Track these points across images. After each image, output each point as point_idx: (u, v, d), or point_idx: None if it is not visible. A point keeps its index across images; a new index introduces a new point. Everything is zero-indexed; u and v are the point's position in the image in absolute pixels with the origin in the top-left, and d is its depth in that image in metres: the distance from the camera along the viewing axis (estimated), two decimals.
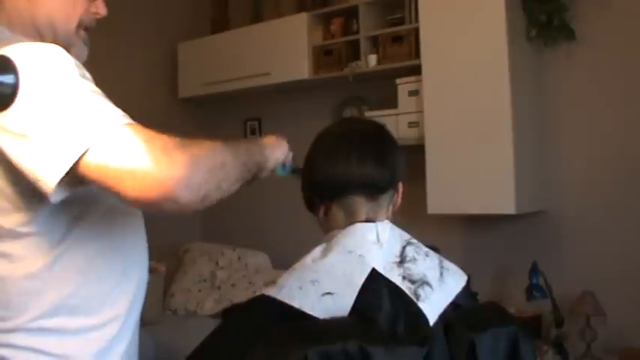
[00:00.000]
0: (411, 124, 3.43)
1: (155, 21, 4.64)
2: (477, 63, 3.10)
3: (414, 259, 1.29)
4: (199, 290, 4.24)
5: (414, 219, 3.74)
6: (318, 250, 1.32)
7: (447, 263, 1.38)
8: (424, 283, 1.25)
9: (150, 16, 4.59)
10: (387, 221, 1.34)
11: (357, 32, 3.73)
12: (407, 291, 1.21)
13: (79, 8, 1.35)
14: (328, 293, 1.18)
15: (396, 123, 3.50)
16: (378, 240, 1.27)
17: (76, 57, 1.16)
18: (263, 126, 4.62)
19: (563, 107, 3.22)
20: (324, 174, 1.35)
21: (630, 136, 3.02)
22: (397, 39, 3.52)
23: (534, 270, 3.04)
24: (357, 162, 1.31)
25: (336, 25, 3.87)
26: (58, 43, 1.16)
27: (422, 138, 3.32)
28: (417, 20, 3.38)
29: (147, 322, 3.84)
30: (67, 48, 1.18)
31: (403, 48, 3.49)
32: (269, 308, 1.20)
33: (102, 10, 1.40)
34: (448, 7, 3.21)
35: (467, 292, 1.35)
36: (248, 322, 1.20)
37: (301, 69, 3.91)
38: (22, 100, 0.89)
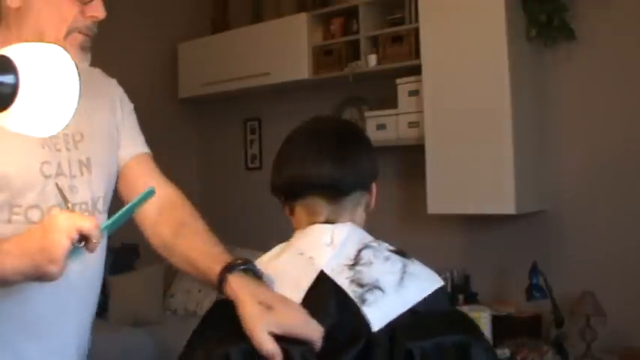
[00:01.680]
0: (411, 124, 3.43)
1: (155, 21, 4.64)
2: (477, 63, 3.10)
3: (370, 263, 1.23)
4: (199, 290, 4.24)
5: (414, 219, 3.74)
6: (275, 250, 1.33)
7: (415, 268, 1.31)
8: (375, 287, 1.19)
9: (150, 16, 4.59)
10: (349, 223, 1.30)
11: (357, 32, 3.73)
12: (352, 294, 1.16)
13: (68, 15, 1.33)
14: None
15: (396, 123, 3.50)
16: (332, 242, 1.24)
17: None
18: (263, 126, 4.62)
19: (563, 107, 3.21)
20: (283, 174, 1.31)
21: (631, 136, 3.02)
22: (397, 39, 3.52)
23: (534, 270, 3.04)
24: (313, 162, 1.27)
25: (336, 25, 3.87)
26: None
27: (422, 138, 3.32)
28: (416, 20, 3.38)
29: (147, 322, 3.86)
30: None
31: (403, 48, 3.49)
32: None
33: (99, 13, 1.37)
34: (448, 7, 3.21)
35: (437, 298, 1.27)
36: (223, 316, 1.20)
37: (301, 69, 3.91)
38: None
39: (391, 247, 1.32)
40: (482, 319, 2.92)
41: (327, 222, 1.28)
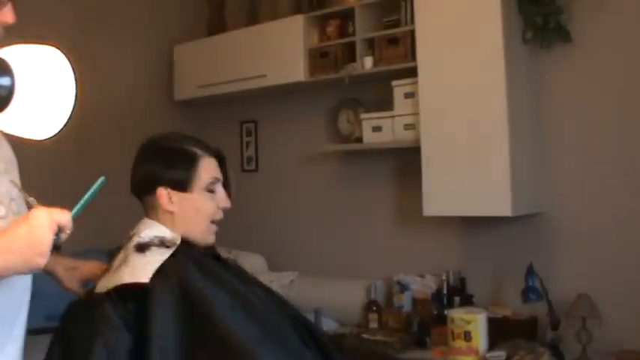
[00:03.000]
0: (407, 126, 3.43)
1: (151, 23, 4.63)
2: (472, 65, 3.10)
3: (126, 248, 1.62)
4: None
5: (410, 221, 3.75)
6: None
7: (137, 261, 1.57)
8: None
9: (146, 18, 4.59)
10: (145, 219, 1.68)
11: (353, 34, 3.73)
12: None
13: None
14: None
15: (392, 125, 3.50)
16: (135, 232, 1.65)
17: None
18: (259, 128, 4.62)
19: (559, 109, 3.22)
20: None
21: (626, 138, 3.03)
22: (393, 41, 3.52)
23: (530, 272, 3.04)
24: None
25: (332, 27, 3.87)
26: None
27: (418, 140, 3.32)
28: (412, 22, 3.38)
29: None
30: None
31: (399, 50, 3.49)
32: None
33: (9, 18, 1.33)
34: (444, 9, 3.21)
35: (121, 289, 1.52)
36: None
37: (297, 71, 3.91)
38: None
39: (141, 242, 1.62)
40: (478, 321, 2.92)
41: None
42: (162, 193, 1.64)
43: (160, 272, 1.52)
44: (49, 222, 1.20)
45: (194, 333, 1.47)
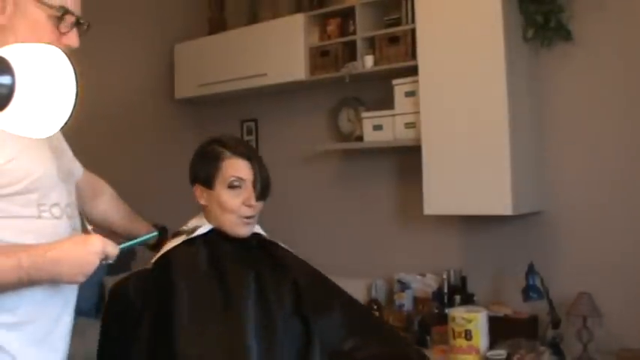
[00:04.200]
0: (408, 125, 3.43)
1: (152, 22, 4.63)
2: (473, 64, 3.10)
3: None
4: None
5: (411, 220, 3.75)
6: None
7: (166, 246, 1.92)
8: None
9: (146, 16, 4.59)
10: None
11: (354, 33, 3.73)
12: None
13: (47, 38, 1.46)
14: None
15: (393, 124, 3.50)
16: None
17: None
18: (259, 126, 4.62)
19: (559, 108, 3.22)
20: None
21: (627, 137, 3.02)
22: (394, 40, 3.52)
23: (531, 271, 3.04)
24: None
25: (332, 25, 3.87)
26: None
27: (418, 139, 3.32)
28: (413, 21, 3.38)
29: None
30: None
31: (400, 49, 3.49)
32: None
33: (73, 42, 1.53)
34: (445, 7, 3.21)
35: None
36: None
37: (298, 70, 3.91)
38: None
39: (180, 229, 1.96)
40: (479, 319, 2.92)
41: None
42: (196, 189, 1.94)
43: (164, 257, 1.85)
44: (101, 250, 1.42)
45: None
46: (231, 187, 1.88)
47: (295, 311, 1.82)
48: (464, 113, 3.13)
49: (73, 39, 1.52)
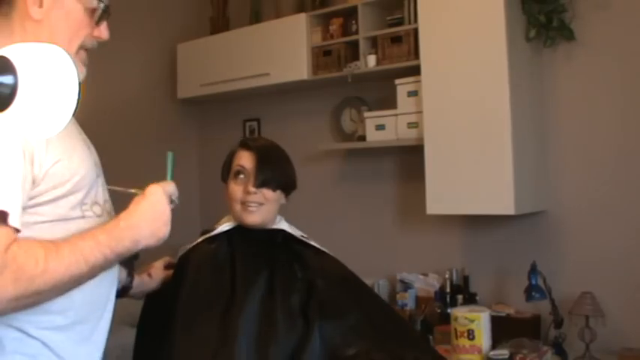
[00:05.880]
0: (410, 125, 3.43)
1: (154, 21, 4.63)
2: (476, 64, 3.10)
3: None
4: None
5: (414, 219, 3.74)
6: None
7: None
8: None
9: (149, 16, 4.59)
10: None
11: (356, 33, 3.73)
12: None
13: (83, 32, 1.51)
14: None
15: (395, 123, 3.50)
16: None
17: None
18: (262, 126, 4.62)
19: (562, 108, 3.22)
20: None
21: (630, 136, 3.02)
22: (396, 39, 3.52)
23: (533, 270, 3.04)
24: None
25: (335, 25, 3.87)
26: None
27: (421, 138, 3.31)
28: (416, 21, 3.38)
29: None
30: None
31: (402, 48, 3.49)
32: None
33: (104, 34, 1.57)
34: (447, 7, 3.21)
35: None
36: None
37: (300, 69, 3.91)
38: None
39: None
40: (482, 319, 2.92)
41: None
42: (225, 188, 2.05)
43: (186, 254, 2.00)
44: (163, 195, 1.47)
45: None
46: (235, 176, 2.00)
47: (301, 311, 1.82)
48: (466, 113, 3.12)
49: (104, 31, 1.56)
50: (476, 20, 3.10)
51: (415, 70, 3.35)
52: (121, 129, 4.31)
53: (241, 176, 1.99)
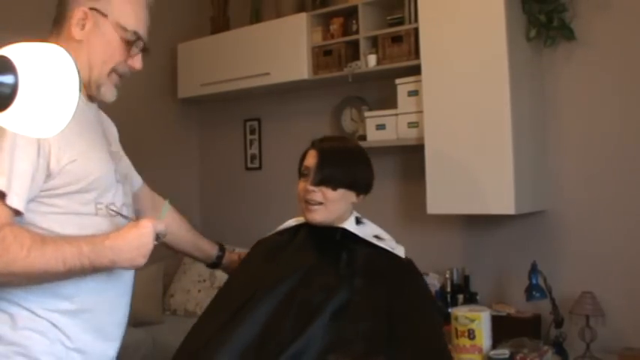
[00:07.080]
0: (411, 125, 3.43)
1: (155, 21, 4.58)
2: (476, 63, 3.10)
3: None
4: (199, 290, 4.24)
5: (414, 219, 3.74)
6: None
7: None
8: None
9: (149, 16, 4.58)
10: None
11: (357, 32, 3.73)
12: None
13: (117, 58, 1.73)
14: None
15: (396, 123, 3.50)
16: None
17: (103, 95, 1.77)
18: (262, 126, 4.62)
19: (562, 107, 3.22)
20: None
21: (630, 136, 3.02)
22: (397, 39, 3.52)
23: (534, 270, 3.04)
24: None
25: (335, 25, 3.87)
26: (90, 82, 1.70)
27: (421, 138, 3.32)
28: (416, 20, 3.38)
29: (146, 322, 3.86)
30: (98, 86, 1.73)
31: (403, 48, 3.49)
32: None
33: (137, 65, 1.81)
34: (448, 7, 3.21)
35: None
36: None
37: (301, 69, 3.91)
38: None
39: None
40: (482, 319, 2.92)
41: None
42: None
43: (257, 244, 2.18)
44: (152, 230, 1.57)
45: None
46: (301, 175, 2.10)
47: (318, 307, 1.80)
48: (467, 113, 3.13)
49: (138, 62, 1.79)
50: (476, 20, 3.10)
51: (415, 70, 3.35)
52: (121, 128, 4.28)
53: (306, 175, 2.06)
